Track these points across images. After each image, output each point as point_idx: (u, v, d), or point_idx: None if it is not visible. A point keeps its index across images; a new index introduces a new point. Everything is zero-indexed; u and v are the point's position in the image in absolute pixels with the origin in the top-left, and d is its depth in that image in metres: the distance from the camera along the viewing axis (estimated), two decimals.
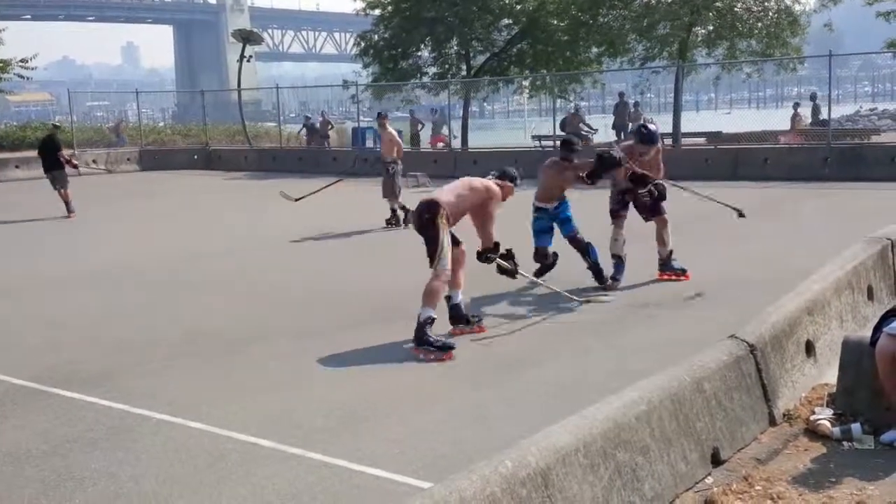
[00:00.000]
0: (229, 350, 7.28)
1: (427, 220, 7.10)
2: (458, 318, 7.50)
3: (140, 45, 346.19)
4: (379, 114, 16.33)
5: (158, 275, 10.89)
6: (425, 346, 6.85)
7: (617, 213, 9.33)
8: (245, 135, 33.31)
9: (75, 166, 19.21)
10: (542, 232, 9.25)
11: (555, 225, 9.24)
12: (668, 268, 9.42)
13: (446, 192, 7.33)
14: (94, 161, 29.21)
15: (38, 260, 12.42)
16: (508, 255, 7.73)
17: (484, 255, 7.56)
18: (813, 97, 27.42)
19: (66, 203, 17.37)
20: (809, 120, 25.79)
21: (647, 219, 9.44)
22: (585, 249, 9.11)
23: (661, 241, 9.41)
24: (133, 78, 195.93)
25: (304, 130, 32.68)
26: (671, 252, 9.41)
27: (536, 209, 9.32)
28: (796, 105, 27.21)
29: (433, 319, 6.91)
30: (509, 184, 7.69)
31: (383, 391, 6.05)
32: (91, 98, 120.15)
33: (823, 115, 24.46)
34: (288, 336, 7.66)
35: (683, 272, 9.36)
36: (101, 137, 36.12)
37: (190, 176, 26.44)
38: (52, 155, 17.93)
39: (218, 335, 7.79)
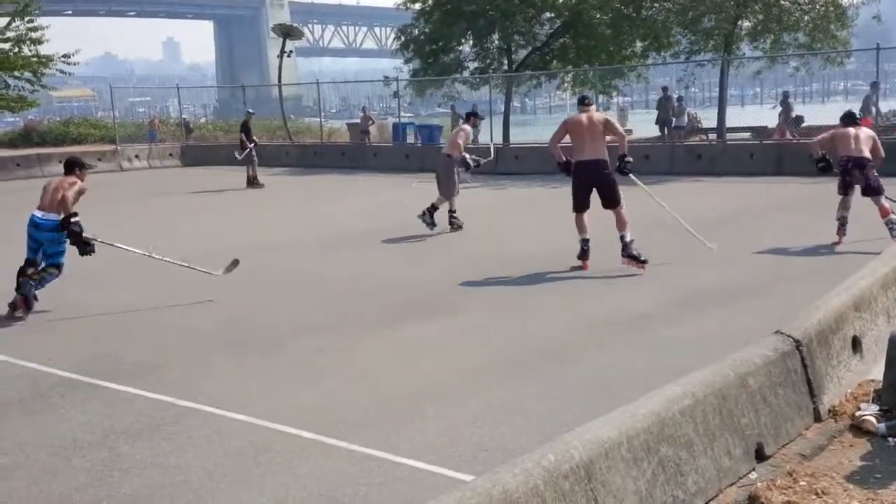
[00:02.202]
0: (271, 343, 7.35)
1: (606, 173, 9.88)
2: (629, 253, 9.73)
3: (181, 40, 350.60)
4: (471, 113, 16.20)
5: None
6: (631, 257, 9.61)
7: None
8: (286, 130, 33.54)
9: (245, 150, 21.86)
10: None
11: None
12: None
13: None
14: (136, 156, 29.67)
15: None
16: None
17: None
18: (785, 95, 27.02)
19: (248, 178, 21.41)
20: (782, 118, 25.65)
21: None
22: None
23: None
24: (174, 73, 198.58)
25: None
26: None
27: None
28: (786, 94, 26.89)
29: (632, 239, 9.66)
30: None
31: (421, 385, 6.07)
32: (132, 94, 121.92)
33: (797, 112, 24.61)
34: (329, 330, 7.72)
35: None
36: (143, 133, 36.67)
37: (231, 172, 26.70)
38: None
39: (259, 328, 7.88)
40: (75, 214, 8.67)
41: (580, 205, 10.08)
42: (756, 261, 9.87)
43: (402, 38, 30.61)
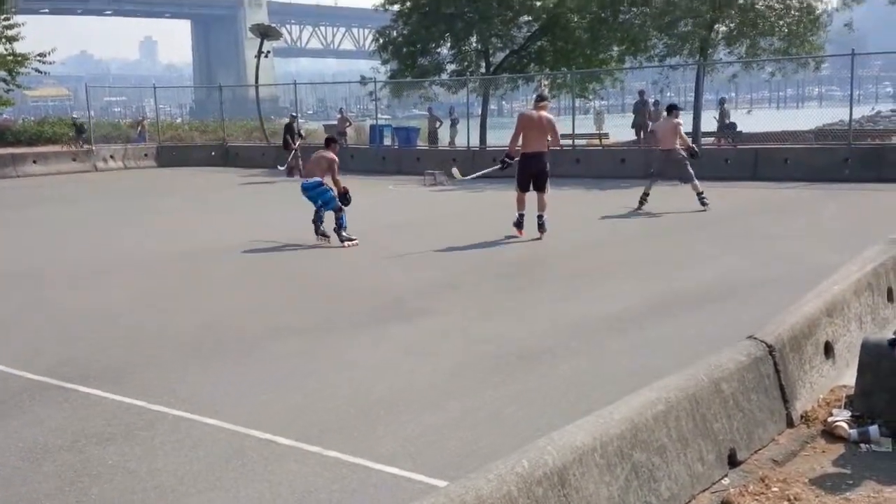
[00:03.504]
0: (246, 346, 7.31)
1: (544, 164, 12.12)
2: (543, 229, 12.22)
3: (158, 39, 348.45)
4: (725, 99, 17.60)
5: (174, 269, 10.95)
6: (541, 230, 12.15)
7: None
8: (262, 131, 33.40)
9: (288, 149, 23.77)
10: None
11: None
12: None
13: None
14: (111, 156, 29.44)
15: (52, 253, 12.51)
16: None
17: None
18: (721, 101, 27.34)
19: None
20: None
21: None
22: None
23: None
24: (151, 73, 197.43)
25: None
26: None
27: None
28: (722, 101, 27.16)
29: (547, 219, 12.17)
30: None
31: (398, 389, 6.05)
32: (108, 93, 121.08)
33: (732, 119, 25.18)
34: (304, 332, 7.68)
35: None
36: (119, 133, 36.35)
37: (207, 172, 26.56)
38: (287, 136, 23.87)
39: (234, 331, 7.83)
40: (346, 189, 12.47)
41: (522, 187, 12.41)
42: (730, 264, 9.94)
43: (381, 40, 30.58)
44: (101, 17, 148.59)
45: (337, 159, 12.60)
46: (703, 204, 14.56)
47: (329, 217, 12.50)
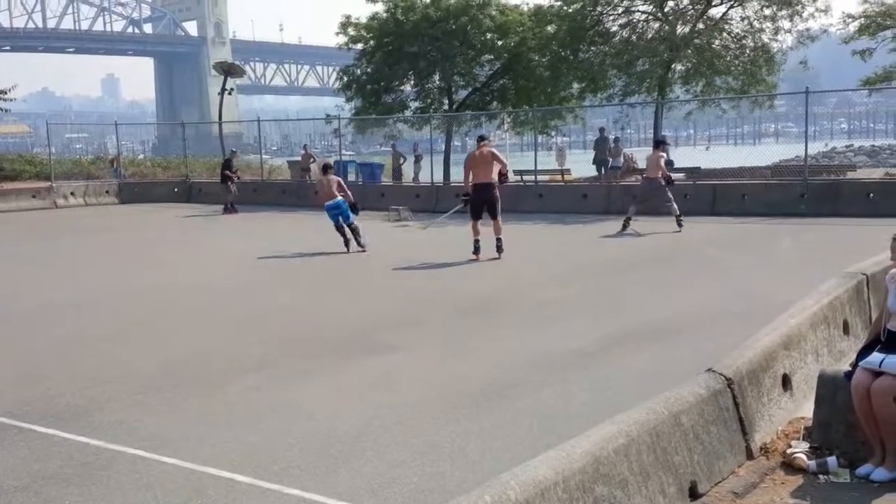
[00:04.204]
0: (205, 383, 7.23)
1: (493, 193, 13.68)
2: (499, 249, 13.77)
3: (120, 76, 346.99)
4: None
5: (133, 307, 10.83)
6: (499, 251, 13.69)
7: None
8: None
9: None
10: None
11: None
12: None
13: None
14: (71, 193, 29.12)
15: (11, 291, 12.31)
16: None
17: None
18: (614, 138, 27.47)
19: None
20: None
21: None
22: None
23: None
24: (113, 110, 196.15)
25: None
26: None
27: None
28: (617, 139, 27.28)
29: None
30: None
31: (361, 425, 6.02)
32: (70, 130, 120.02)
33: (617, 159, 25.72)
34: (264, 368, 7.62)
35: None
36: (80, 170, 35.99)
37: (169, 209, 26.37)
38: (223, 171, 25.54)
39: (194, 368, 7.74)
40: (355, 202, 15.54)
41: (475, 215, 13.89)
42: (689, 298, 10.04)
43: (345, 78, 30.75)
44: (62, 55, 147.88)
45: (339, 178, 16.22)
46: (679, 225, 16.55)
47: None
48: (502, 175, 14.18)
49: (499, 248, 13.74)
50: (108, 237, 19.55)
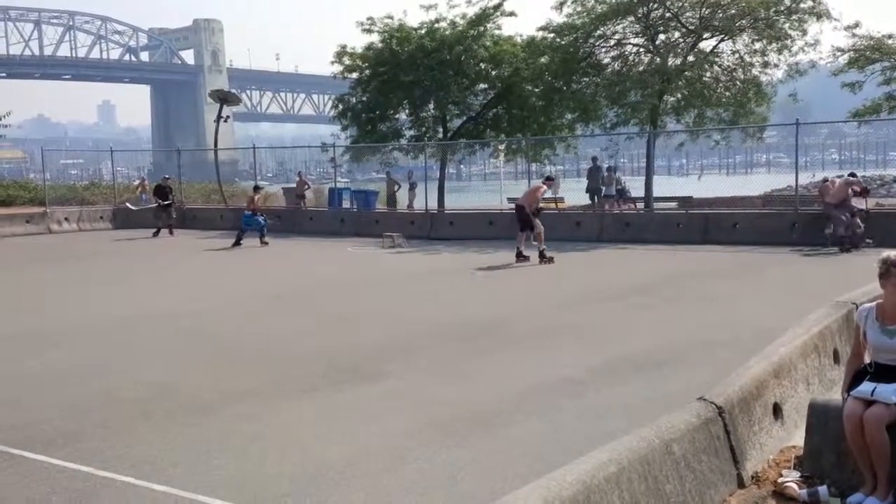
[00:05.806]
0: (198, 410, 7.20)
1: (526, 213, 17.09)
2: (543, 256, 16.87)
3: (116, 103, 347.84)
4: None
5: (121, 334, 10.78)
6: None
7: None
8: (221, 194, 33.32)
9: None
10: None
11: None
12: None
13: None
14: (65, 219, 29.12)
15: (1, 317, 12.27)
16: None
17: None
18: (607, 167, 27.48)
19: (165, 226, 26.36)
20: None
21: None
22: None
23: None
24: (109, 136, 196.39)
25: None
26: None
27: None
28: (611, 168, 27.38)
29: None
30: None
31: (352, 453, 5.99)
32: (65, 156, 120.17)
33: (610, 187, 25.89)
34: (256, 396, 7.59)
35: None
36: (74, 195, 36.01)
37: (162, 235, 26.36)
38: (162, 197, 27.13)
39: (186, 395, 7.70)
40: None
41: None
42: (681, 327, 10.06)
43: (340, 107, 30.89)
44: (59, 81, 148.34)
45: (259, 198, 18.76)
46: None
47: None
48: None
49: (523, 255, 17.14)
50: (99, 262, 19.51)
